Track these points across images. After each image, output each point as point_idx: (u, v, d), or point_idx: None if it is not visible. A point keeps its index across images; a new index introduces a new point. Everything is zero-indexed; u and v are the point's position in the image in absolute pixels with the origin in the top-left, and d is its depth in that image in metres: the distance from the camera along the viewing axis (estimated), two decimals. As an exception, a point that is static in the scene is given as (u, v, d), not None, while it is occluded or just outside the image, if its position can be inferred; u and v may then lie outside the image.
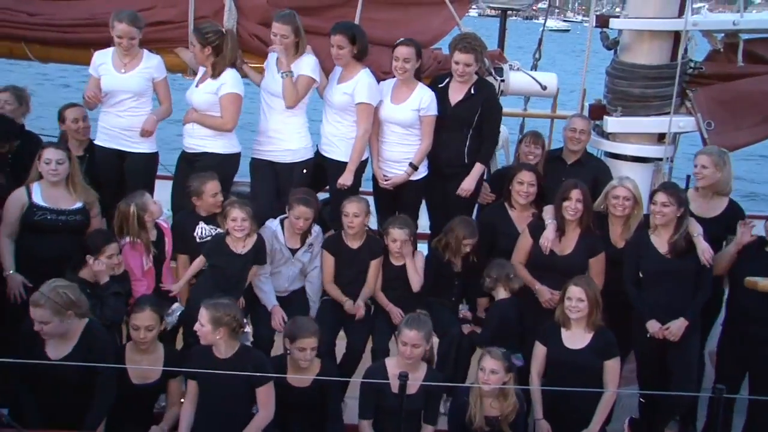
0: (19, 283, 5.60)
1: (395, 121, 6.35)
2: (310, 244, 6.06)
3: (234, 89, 6.20)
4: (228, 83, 6.19)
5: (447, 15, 6.69)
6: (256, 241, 5.78)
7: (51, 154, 5.71)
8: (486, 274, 5.99)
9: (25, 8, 6.45)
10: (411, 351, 5.16)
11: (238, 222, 5.67)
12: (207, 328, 4.91)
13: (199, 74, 6.37)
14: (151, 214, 5.81)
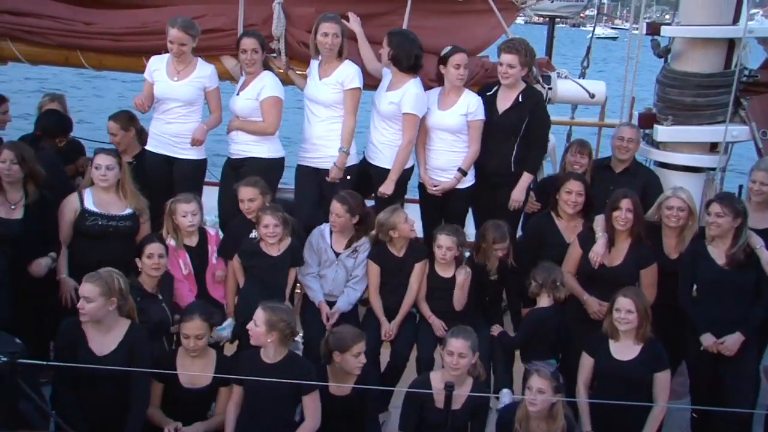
0: (71, 287, 5.69)
1: (443, 127, 6.34)
2: (355, 250, 6.06)
3: (274, 92, 6.26)
4: (267, 87, 6.25)
5: (494, 23, 6.66)
6: (290, 244, 5.82)
7: (101, 160, 5.79)
8: (532, 276, 5.88)
9: (81, 18, 6.58)
10: (457, 361, 5.11)
11: (270, 228, 5.72)
12: (261, 329, 4.95)
13: (240, 82, 6.43)
14: (181, 216, 5.82)
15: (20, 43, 6.66)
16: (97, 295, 4.90)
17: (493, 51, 6.85)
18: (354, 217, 5.96)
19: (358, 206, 6.00)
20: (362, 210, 6.05)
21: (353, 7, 6.66)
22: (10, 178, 5.68)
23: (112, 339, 5.02)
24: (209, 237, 5.99)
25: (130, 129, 6.55)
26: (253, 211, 5.91)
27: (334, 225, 5.97)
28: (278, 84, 6.35)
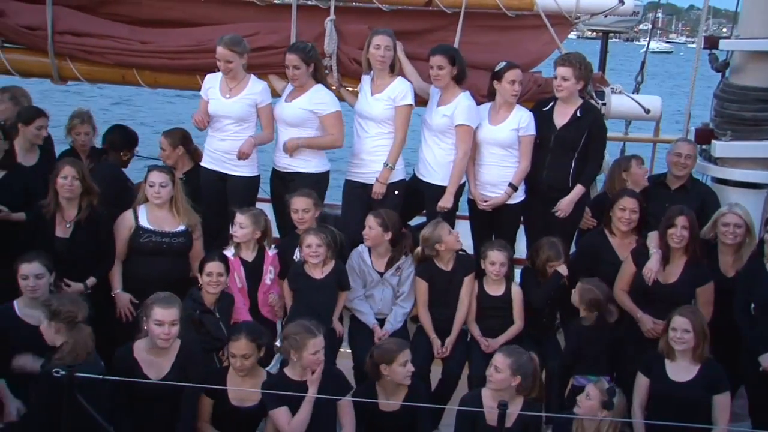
0: (126, 302, 5.80)
1: (494, 141, 6.31)
2: (398, 267, 6.03)
3: (336, 107, 6.33)
4: (327, 102, 6.29)
5: (547, 38, 6.61)
6: (334, 267, 5.80)
7: (155, 177, 5.88)
8: (574, 292, 5.79)
9: (138, 37, 6.71)
10: (491, 373, 5.05)
11: (313, 248, 5.71)
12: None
13: (287, 91, 6.47)
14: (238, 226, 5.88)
15: (80, 63, 6.82)
16: (178, 317, 5.01)
17: (545, 66, 6.81)
18: (387, 233, 5.94)
19: (393, 224, 5.99)
20: (397, 229, 6.04)
21: (405, 23, 6.68)
22: (71, 194, 5.79)
23: (166, 361, 5.09)
24: (266, 256, 5.98)
25: (178, 146, 6.66)
26: (306, 221, 5.94)
27: (366, 238, 5.96)
28: (334, 96, 6.39)
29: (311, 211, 5.96)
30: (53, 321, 4.83)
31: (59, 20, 6.62)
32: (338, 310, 5.91)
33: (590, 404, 4.94)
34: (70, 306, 4.87)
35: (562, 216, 6.29)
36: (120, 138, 6.94)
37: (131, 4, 6.84)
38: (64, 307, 4.84)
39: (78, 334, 4.80)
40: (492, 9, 6.61)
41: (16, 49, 6.85)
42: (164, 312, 4.97)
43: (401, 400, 5.20)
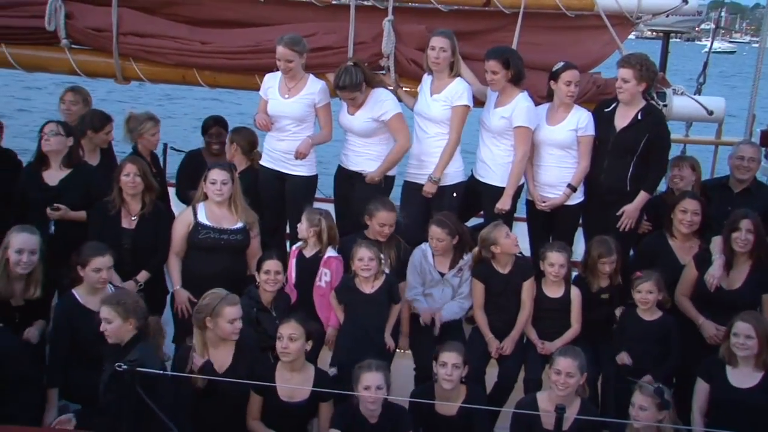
0: (185, 298, 5.88)
1: (553, 142, 6.26)
2: (460, 269, 6.01)
3: (397, 109, 6.34)
4: (389, 105, 6.31)
5: (607, 38, 6.53)
6: (384, 281, 5.74)
7: (216, 175, 5.96)
8: None
9: (198, 37, 6.80)
10: (565, 380, 5.00)
11: (365, 261, 5.64)
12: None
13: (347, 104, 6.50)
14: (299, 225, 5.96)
15: (142, 63, 6.95)
16: (239, 314, 5.13)
17: (605, 67, 6.72)
18: (454, 238, 5.93)
19: (457, 226, 5.98)
20: (462, 231, 6.03)
21: (463, 23, 6.65)
22: (133, 190, 5.97)
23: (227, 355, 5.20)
24: (324, 258, 5.96)
25: (232, 143, 6.76)
26: (386, 236, 5.96)
27: (436, 249, 5.95)
28: (395, 99, 6.41)
29: (392, 227, 5.98)
30: (130, 318, 4.90)
31: (124, 22, 6.75)
32: (390, 326, 5.84)
33: (646, 414, 4.85)
34: (137, 304, 4.97)
35: (627, 223, 6.20)
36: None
37: (192, 5, 6.94)
38: (136, 303, 4.94)
39: (149, 328, 4.93)
40: (551, 9, 6.55)
41: (83, 50, 7.01)
42: (234, 310, 5.10)
43: (460, 404, 5.19)
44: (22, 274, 5.36)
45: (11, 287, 5.36)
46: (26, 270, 5.36)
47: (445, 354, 5.20)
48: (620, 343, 5.78)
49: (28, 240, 5.36)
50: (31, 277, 5.41)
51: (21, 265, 5.32)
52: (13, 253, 5.32)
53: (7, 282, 5.34)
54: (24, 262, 5.32)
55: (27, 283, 5.41)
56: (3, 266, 5.34)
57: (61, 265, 5.59)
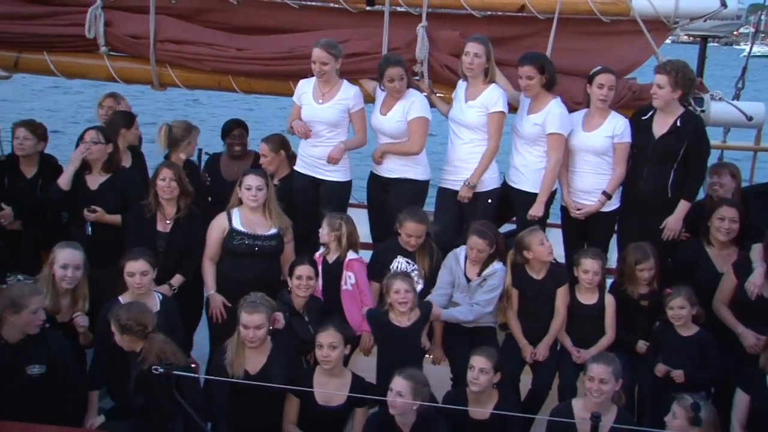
0: (219, 303, 5.94)
1: (588, 148, 6.21)
2: (484, 279, 5.96)
3: (422, 113, 6.33)
4: (416, 107, 6.30)
5: (643, 44, 6.46)
6: (420, 315, 5.66)
7: (251, 181, 6.00)
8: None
9: (234, 44, 6.85)
10: (598, 386, 4.96)
11: (401, 294, 5.54)
12: (406, 399, 4.94)
13: (378, 101, 6.50)
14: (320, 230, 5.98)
15: (178, 70, 7.03)
16: (265, 321, 5.17)
17: (641, 72, 6.65)
18: (492, 248, 5.91)
19: (496, 236, 5.97)
20: (500, 239, 6.01)
21: (497, 29, 6.63)
22: (169, 194, 6.04)
23: (261, 358, 5.25)
24: (346, 261, 5.97)
25: (279, 151, 6.74)
26: (415, 246, 5.94)
27: (474, 259, 5.92)
28: (426, 104, 6.41)
29: (422, 238, 5.95)
30: (124, 335, 4.99)
31: (161, 29, 6.83)
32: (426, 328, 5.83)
33: (678, 423, 4.80)
34: (141, 317, 4.99)
35: (673, 236, 6.13)
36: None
37: (228, 11, 6.99)
38: (134, 320, 4.97)
39: (151, 344, 4.93)
40: (586, 14, 6.50)
41: (121, 57, 7.11)
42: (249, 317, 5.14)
43: (491, 409, 5.18)
44: (67, 289, 5.47)
45: (58, 303, 5.47)
46: (71, 285, 5.46)
47: (474, 358, 5.20)
48: (656, 357, 5.69)
49: (72, 255, 5.47)
50: (76, 292, 5.51)
51: (66, 280, 5.43)
52: (59, 269, 5.43)
53: (55, 297, 5.44)
54: (69, 276, 5.43)
55: (74, 298, 5.52)
56: (50, 282, 5.44)
57: (97, 266, 5.69)
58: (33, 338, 5.01)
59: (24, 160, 6.66)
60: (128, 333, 4.97)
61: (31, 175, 6.68)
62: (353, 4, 6.74)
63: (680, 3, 6.33)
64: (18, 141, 6.62)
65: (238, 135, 7.22)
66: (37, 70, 7.29)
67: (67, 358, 5.12)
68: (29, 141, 6.60)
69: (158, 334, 4.97)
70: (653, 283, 5.89)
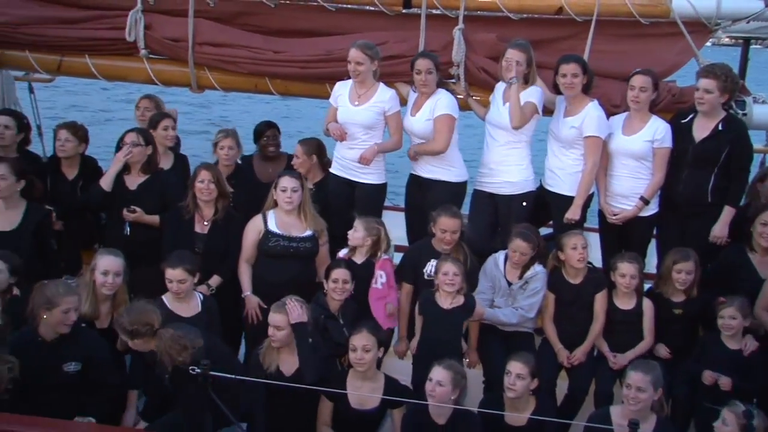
0: (255, 304, 5.96)
1: (627, 153, 6.15)
2: (526, 281, 5.94)
3: (447, 110, 6.29)
4: (441, 104, 6.29)
5: (683, 46, 6.40)
6: (464, 302, 5.70)
7: (287, 183, 6.03)
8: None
9: (271, 46, 6.90)
10: (635, 395, 4.89)
11: (450, 276, 5.61)
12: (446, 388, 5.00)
13: (410, 102, 6.49)
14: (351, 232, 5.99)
15: (216, 72, 7.09)
16: (286, 324, 5.19)
17: (680, 75, 6.56)
18: (534, 251, 5.88)
19: (539, 239, 5.94)
20: (541, 242, 5.98)
21: (534, 32, 6.60)
22: (207, 196, 6.08)
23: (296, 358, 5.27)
24: (380, 261, 5.99)
25: (312, 156, 6.76)
26: (451, 243, 5.92)
27: (516, 262, 5.90)
28: (453, 102, 6.36)
29: (458, 233, 5.92)
30: (134, 339, 4.98)
31: (199, 32, 6.91)
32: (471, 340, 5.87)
33: (728, 431, 4.71)
34: (144, 318, 4.95)
35: (720, 243, 6.05)
36: None
37: (265, 14, 7.04)
38: (138, 323, 4.94)
39: (161, 341, 4.89)
40: (625, 17, 6.45)
41: (160, 59, 7.20)
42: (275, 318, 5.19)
43: (528, 415, 5.14)
44: (107, 296, 5.54)
45: (98, 309, 5.55)
46: (110, 291, 5.53)
47: (511, 363, 5.18)
48: (699, 366, 5.58)
49: (113, 262, 5.54)
50: (116, 298, 5.58)
51: (106, 286, 5.50)
52: (100, 275, 5.50)
53: (94, 303, 5.52)
54: (109, 283, 5.50)
55: (113, 304, 5.58)
56: (90, 288, 5.52)
57: (135, 266, 5.76)
58: (69, 336, 5.09)
59: (65, 161, 6.77)
60: (137, 336, 4.95)
61: (72, 177, 6.78)
62: (390, 6, 6.76)
63: (722, 4, 6.25)
64: (60, 143, 6.73)
65: (271, 136, 7.25)
66: (79, 73, 7.41)
67: (102, 357, 5.18)
68: (71, 143, 6.71)
69: (166, 330, 4.93)
70: (691, 291, 5.80)
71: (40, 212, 6.15)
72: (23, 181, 6.08)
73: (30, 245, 5.98)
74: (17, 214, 6.07)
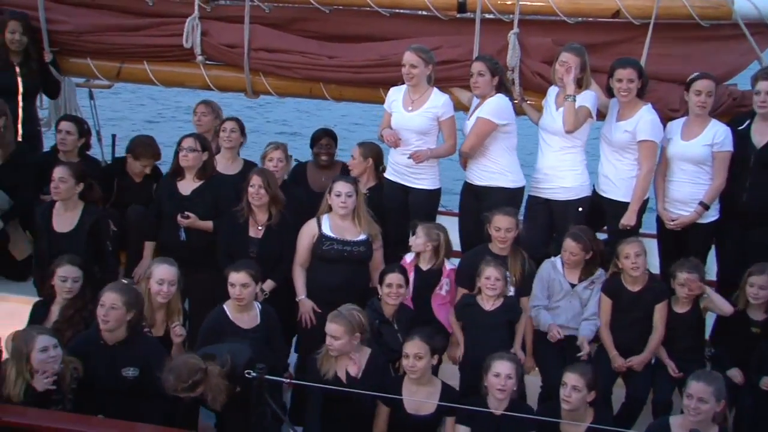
0: (309, 308, 6.01)
1: (686, 157, 6.04)
2: (592, 282, 5.90)
3: (484, 114, 6.23)
4: (483, 108, 6.24)
5: (745, 48, 6.27)
6: (504, 302, 5.72)
7: (341, 187, 6.05)
8: None
9: (326, 52, 6.95)
10: (696, 405, 4.79)
11: (492, 281, 5.65)
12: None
13: (473, 107, 6.46)
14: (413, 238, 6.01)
15: (271, 78, 7.16)
16: (342, 334, 5.20)
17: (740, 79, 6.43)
18: (588, 253, 5.83)
19: (592, 241, 5.88)
20: (596, 245, 5.92)
21: (590, 35, 6.52)
22: (259, 201, 6.13)
23: (357, 367, 5.30)
24: (444, 269, 6.03)
25: (368, 159, 6.75)
26: (506, 241, 5.90)
27: (568, 263, 5.88)
28: (497, 108, 6.22)
29: (513, 231, 5.89)
30: (197, 389, 4.85)
31: (255, 38, 6.98)
32: (518, 341, 5.83)
33: None
34: (190, 370, 4.83)
35: None
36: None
37: (320, 20, 7.07)
38: (190, 375, 4.81)
39: (210, 383, 4.84)
40: (684, 19, 6.33)
41: (215, 65, 7.31)
42: (330, 327, 5.21)
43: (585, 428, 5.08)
44: (162, 304, 5.63)
45: (153, 317, 5.64)
46: (165, 299, 5.61)
47: (567, 375, 5.12)
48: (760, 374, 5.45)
49: (168, 271, 5.62)
50: (170, 307, 5.66)
51: (161, 295, 5.58)
52: (155, 284, 5.59)
53: (150, 312, 5.61)
54: (164, 291, 5.58)
55: (168, 312, 5.66)
56: (146, 296, 5.59)
57: (191, 272, 5.84)
58: (129, 341, 5.18)
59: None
60: (198, 386, 4.84)
61: (140, 180, 6.94)
62: (444, 11, 6.75)
63: (788, 5, 6.12)
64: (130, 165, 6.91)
65: (325, 144, 7.20)
66: (138, 79, 7.59)
67: (159, 364, 5.17)
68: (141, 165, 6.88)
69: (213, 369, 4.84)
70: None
71: (96, 214, 6.28)
72: (82, 184, 6.22)
73: (86, 246, 6.12)
74: (75, 215, 6.23)
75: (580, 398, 5.06)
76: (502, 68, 6.34)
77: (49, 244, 6.18)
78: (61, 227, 6.20)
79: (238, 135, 6.93)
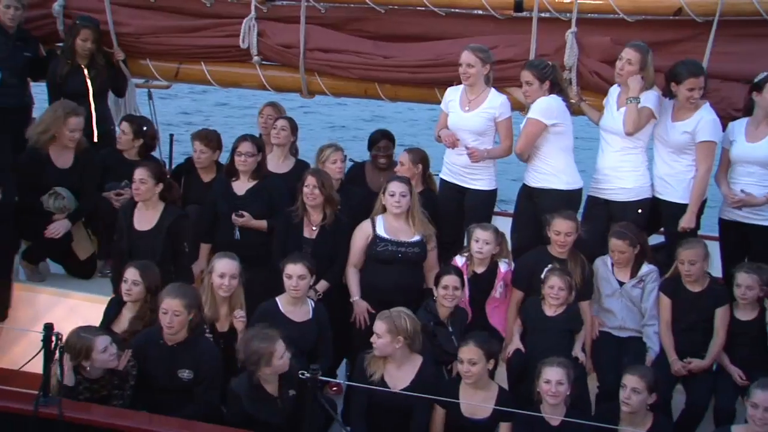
0: (363, 309, 6.00)
1: (752, 159, 5.88)
2: (641, 279, 5.80)
3: (533, 115, 6.15)
4: (531, 108, 6.17)
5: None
6: (566, 309, 5.68)
7: (395, 187, 6.04)
8: None
9: (381, 52, 6.94)
10: (762, 415, 4.67)
11: (555, 290, 5.62)
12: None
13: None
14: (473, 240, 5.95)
15: (326, 78, 7.19)
16: (384, 332, 5.20)
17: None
18: (635, 248, 5.76)
19: (637, 236, 5.81)
20: (641, 238, 5.85)
21: (650, 34, 6.37)
22: (313, 201, 6.14)
23: (407, 375, 5.28)
24: (499, 272, 5.99)
25: (418, 165, 6.63)
26: (565, 245, 5.84)
27: (618, 262, 5.82)
28: (545, 108, 6.12)
29: (573, 235, 5.84)
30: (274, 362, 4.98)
31: (310, 38, 7.01)
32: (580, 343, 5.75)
33: None
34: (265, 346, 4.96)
35: None
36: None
37: (375, 20, 7.08)
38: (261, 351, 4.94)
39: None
40: (751, 16, 6.15)
41: (271, 66, 7.36)
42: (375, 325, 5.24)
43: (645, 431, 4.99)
44: (224, 297, 5.68)
45: (217, 311, 5.70)
46: (227, 293, 5.66)
47: (626, 376, 5.04)
48: None
49: (229, 265, 5.67)
50: (233, 300, 5.71)
51: (223, 288, 5.63)
52: (217, 277, 5.65)
53: (214, 306, 5.68)
54: (226, 285, 5.63)
55: (230, 306, 5.71)
56: (208, 291, 5.68)
57: (245, 270, 5.83)
58: (189, 342, 5.25)
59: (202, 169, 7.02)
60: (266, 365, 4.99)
61: (208, 180, 7.00)
62: (500, 10, 6.69)
63: None
64: (196, 155, 6.99)
65: (383, 147, 7.10)
66: (195, 79, 7.70)
67: (208, 370, 5.24)
68: (205, 154, 6.95)
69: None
70: None
71: (174, 213, 6.35)
72: (161, 184, 6.30)
73: (164, 245, 6.19)
74: (155, 214, 6.31)
75: (640, 400, 4.97)
76: (551, 71, 6.19)
77: (129, 242, 6.26)
78: (141, 226, 6.29)
79: (288, 133, 6.95)
